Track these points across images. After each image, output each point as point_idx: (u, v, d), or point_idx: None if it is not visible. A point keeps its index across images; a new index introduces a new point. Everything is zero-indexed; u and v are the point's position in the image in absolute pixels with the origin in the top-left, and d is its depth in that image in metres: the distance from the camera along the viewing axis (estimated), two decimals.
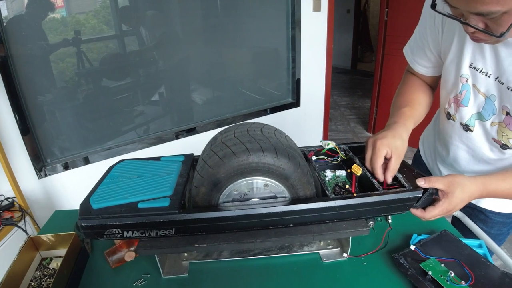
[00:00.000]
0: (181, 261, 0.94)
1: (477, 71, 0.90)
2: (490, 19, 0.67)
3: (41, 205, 2.09)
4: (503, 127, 0.89)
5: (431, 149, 1.22)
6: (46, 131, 2.02)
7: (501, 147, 0.92)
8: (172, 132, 2.45)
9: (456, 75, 0.95)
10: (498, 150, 0.94)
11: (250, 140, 0.81)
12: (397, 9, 3.46)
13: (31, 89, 1.88)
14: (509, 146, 0.90)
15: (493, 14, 0.65)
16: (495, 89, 0.88)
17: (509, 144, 0.90)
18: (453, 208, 0.82)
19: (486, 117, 0.93)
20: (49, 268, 0.94)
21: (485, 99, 0.91)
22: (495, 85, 0.87)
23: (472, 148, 1.00)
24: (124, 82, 2.26)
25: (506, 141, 0.90)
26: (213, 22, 2.41)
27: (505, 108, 0.86)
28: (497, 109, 0.89)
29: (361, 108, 5.18)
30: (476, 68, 0.90)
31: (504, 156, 0.94)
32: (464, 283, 0.76)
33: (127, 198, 0.80)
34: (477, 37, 0.74)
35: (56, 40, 1.92)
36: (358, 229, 0.85)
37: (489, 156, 0.97)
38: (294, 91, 2.90)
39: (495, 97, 0.88)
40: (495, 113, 0.90)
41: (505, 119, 0.88)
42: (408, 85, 1.12)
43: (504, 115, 0.87)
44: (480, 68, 0.89)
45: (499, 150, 0.94)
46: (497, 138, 0.92)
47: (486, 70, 0.88)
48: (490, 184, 0.83)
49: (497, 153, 0.95)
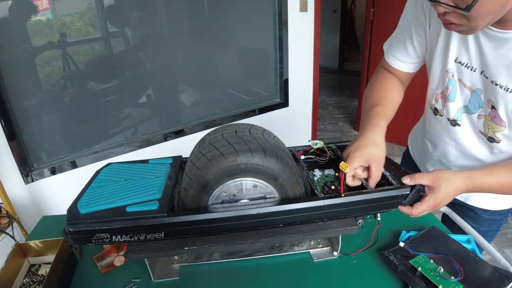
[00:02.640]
0: (172, 264, 0.93)
1: (462, 66, 0.91)
2: None
3: (29, 211, 2.06)
4: (489, 120, 0.90)
5: (419, 147, 1.22)
6: (33, 136, 1.99)
7: (488, 139, 0.93)
8: (160, 134, 2.43)
9: (442, 70, 0.96)
10: (486, 144, 0.95)
11: (238, 141, 0.81)
12: (382, 9, 3.49)
13: (16, 93, 1.85)
14: (495, 139, 0.91)
15: None
16: (481, 83, 0.88)
17: (495, 138, 0.91)
18: (440, 203, 0.83)
19: (472, 110, 0.93)
20: (38, 275, 0.93)
21: (471, 93, 0.92)
22: (480, 79, 0.88)
23: (460, 143, 1.01)
24: (111, 85, 2.23)
25: (492, 134, 0.91)
26: (200, 23, 2.41)
27: (490, 102, 0.87)
28: (483, 103, 0.90)
29: (349, 107, 5.21)
30: (461, 63, 0.90)
31: (493, 151, 0.95)
32: (453, 278, 0.76)
33: (115, 202, 0.79)
34: (448, 20, 0.75)
35: (41, 43, 1.89)
36: (347, 227, 0.85)
37: (477, 152, 0.98)
38: (282, 91, 2.91)
39: (480, 90, 0.89)
40: (481, 106, 0.91)
41: (491, 113, 0.89)
42: (381, 82, 1.10)
43: (489, 108, 0.88)
44: (465, 63, 0.90)
45: (487, 144, 0.95)
46: (484, 131, 0.93)
47: (471, 65, 0.89)
48: (476, 179, 0.84)
49: (486, 148, 0.96)
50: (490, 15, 0.71)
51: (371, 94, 1.08)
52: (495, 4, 0.68)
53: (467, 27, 0.74)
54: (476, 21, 0.72)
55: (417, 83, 1.28)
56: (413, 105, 1.93)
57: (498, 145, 0.92)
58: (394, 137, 3.77)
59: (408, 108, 1.13)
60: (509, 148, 0.92)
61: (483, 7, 0.67)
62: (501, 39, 0.79)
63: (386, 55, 1.11)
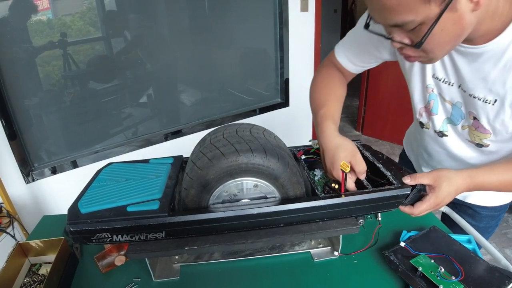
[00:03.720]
0: (172, 264, 0.93)
1: (440, 81, 0.92)
2: (411, 32, 0.69)
3: (29, 210, 2.06)
4: (473, 130, 0.91)
5: (415, 152, 1.24)
6: (33, 135, 1.99)
7: (476, 145, 0.95)
8: (161, 134, 2.43)
9: (422, 86, 0.98)
10: (476, 149, 0.96)
11: (239, 141, 0.81)
12: None
13: (17, 92, 1.85)
14: (483, 145, 0.93)
15: (410, 24, 0.67)
16: (459, 96, 0.90)
17: (483, 144, 0.92)
18: (441, 202, 0.83)
19: (455, 122, 0.95)
20: (39, 274, 0.93)
21: (451, 106, 0.94)
22: (458, 92, 0.90)
23: (451, 151, 1.02)
24: (112, 84, 2.23)
25: (479, 141, 0.92)
26: (201, 23, 2.41)
27: (471, 113, 0.89)
28: (465, 114, 0.92)
29: (350, 107, 5.20)
30: (439, 78, 0.92)
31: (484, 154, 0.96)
32: (454, 278, 0.76)
33: (115, 202, 0.79)
34: (405, 53, 0.76)
35: (42, 43, 1.89)
36: (348, 227, 0.85)
37: (469, 156, 0.99)
38: (282, 91, 2.91)
39: (460, 103, 0.91)
40: (463, 118, 0.93)
41: (474, 123, 0.90)
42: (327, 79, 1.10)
43: (472, 119, 0.90)
44: (443, 78, 0.91)
45: (477, 149, 0.96)
46: (471, 139, 0.95)
47: (448, 80, 0.90)
48: (477, 177, 0.84)
49: (476, 152, 0.97)
50: (447, 46, 0.73)
51: (318, 93, 1.07)
52: (449, 36, 0.69)
53: (425, 58, 0.76)
54: (433, 53, 0.73)
55: None
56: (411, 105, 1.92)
57: (488, 149, 0.93)
58: (394, 137, 3.78)
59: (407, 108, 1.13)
60: (499, 149, 0.92)
61: (435, 40, 0.69)
62: (473, 54, 0.80)
63: (338, 54, 1.10)
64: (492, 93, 0.82)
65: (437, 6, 0.62)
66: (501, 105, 0.82)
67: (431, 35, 0.67)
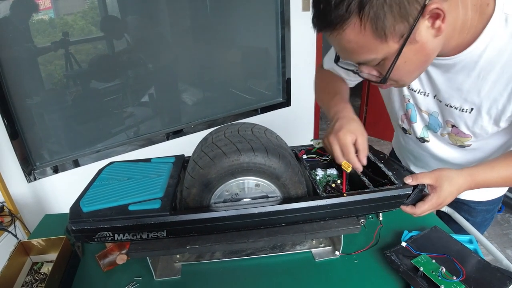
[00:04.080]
0: (174, 263, 0.94)
1: (415, 92, 0.93)
2: (377, 66, 0.70)
3: (31, 209, 2.07)
4: (453, 135, 0.93)
5: (402, 155, 1.26)
6: (35, 134, 1.99)
7: (459, 147, 0.97)
8: (163, 134, 2.43)
9: (399, 95, 1.00)
10: (459, 149, 0.98)
11: (240, 140, 0.81)
12: None
13: (19, 91, 1.85)
14: (465, 145, 0.95)
15: (373, 61, 0.68)
16: (435, 106, 0.92)
17: (465, 145, 0.94)
18: (442, 202, 0.83)
19: (434, 130, 0.97)
20: (40, 273, 0.93)
21: (428, 116, 0.95)
22: (434, 102, 0.91)
23: (435, 154, 1.04)
24: (113, 84, 2.23)
25: (461, 143, 0.94)
26: (202, 22, 2.41)
27: (449, 122, 0.90)
28: (442, 123, 0.93)
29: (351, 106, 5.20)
30: (414, 90, 0.93)
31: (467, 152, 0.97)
32: (455, 278, 0.76)
33: (117, 201, 0.79)
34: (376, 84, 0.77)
35: (44, 42, 1.89)
36: (349, 227, 0.85)
37: (454, 156, 1.01)
38: (284, 90, 2.90)
39: (437, 113, 0.93)
40: (441, 126, 0.95)
41: (453, 130, 0.92)
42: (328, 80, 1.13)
43: (450, 127, 0.91)
44: (418, 89, 0.92)
45: (459, 149, 0.98)
46: (452, 143, 0.97)
47: (424, 90, 0.91)
48: (477, 175, 0.84)
49: (460, 152, 0.99)
50: (414, 73, 0.74)
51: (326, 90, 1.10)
52: (415, 64, 0.70)
53: (396, 84, 0.77)
54: (402, 80, 0.74)
55: None
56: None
57: (470, 147, 0.95)
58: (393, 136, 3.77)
59: None
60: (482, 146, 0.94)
61: (401, 71, 0.69)
62: (446, 65, 0.81)
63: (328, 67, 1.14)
64: (468, 102, 0.83)
65: (395, 43, 0.64)
66: (478, 113, 0.83)
67: (395, 68, 0.68)
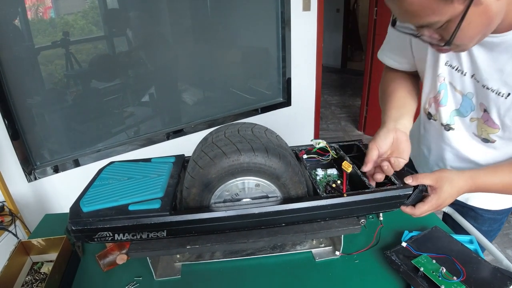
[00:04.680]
0: (174, 263, 0.94)
1: (453, 69, 0.90)
2: (440, 29, 0.68)
3: (32, 209, 2.07)
4: (482, 123, 0.89)
5: (415, 152, 1.22)
6: (36, 134, 1.99)
7: (482, 140, 0.93)
8: (163, 133, 2.44)
9: (433, 75, 0.95)
10: (481, 145, 0.94)
11: (240, 140, 0.81)
12: (386, 8, 3.42)
13: (19, 91, 1.85)
14: (490, 140, 0.91)
15: (436, 24, 0.66)
16: (472, 86, 0.88)
17: (489, 139, 0.90)
18: (442, 203, 0.83)
19: (464, 113, 0.93)
20: (40, 273, 0.93)
21: (462, 97, 0.91)
22: (471, 82, 0.87)
23: (454, 148, 1.00)
24: (114, 83, 2.24)
25: (486, 135, 0.90)
26: (203, 22, 2.41)
27: (482, 105, 0.87)
28: (475, 106, 0.89)
29: (352, 106, 5.20)
30: (452, 66, 0.90)
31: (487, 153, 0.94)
32: (456, 278, 0.76)
33: (117, 201, 0.79)
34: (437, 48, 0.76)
35: (44, 42, 1.90)
36: (350, 227, 0.85)
37: (472, 154, 0.97)
38: (284, 90, 2.90)
39: (472, 94, 0.89)
40: (473, 110, 0.90)
41: (483, 116, 0.88)
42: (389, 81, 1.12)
43: (482, 111, 0.88)
44: (456, 66, 0.89)
45: (481, 145, 0.94)
46: (477, 134, 0.93)
47: (461, 68, 0.88)
48: (479, 178, 0.83)
49: (480, 150, 0.95)
50: (476, 37, 0.71)
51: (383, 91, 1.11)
52: (478, 28, 0.68)
53: (457, 49, 0.75)
54: (464, 45, 0.73)
55: None
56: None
57: (493, 145, 0.91)
58: None
59: None
60: (504, 146, 0.91)
61: (464, 35, 0.68)
62: (491, 43, 0.78)
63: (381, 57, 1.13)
64: (507, 85, 0.79)
65: (460, 4, 0.62)
66: None
67: (459, 31, 0.66)
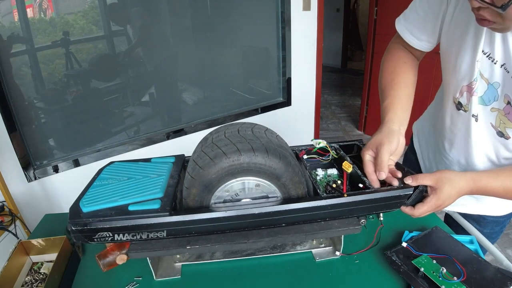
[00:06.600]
0: (174, 263, 0.93)
1: (484, 55, 0.85)
2: None
3: (31, 209, 2.07)
4: (502, 115, 0.87)
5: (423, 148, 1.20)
6: (35, 134, 1.99)
7: (497, 133, 0.90)
8: (163, 133, 2.44)
9: (471, 60, 0.88)
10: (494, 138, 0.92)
11: (240, 140, 0.81)
12: (386, 8, 3.48)
13: (19, 91, 1.85)
14: (504, 135, 0.88)
15: None
16: (500, 76, 0.84)
17: (504, 133, 0.88)
18: (442, 204, 0.82)
19: (486, 102, 0.89)
20: (40, 273, 0.93)
21: (487, 85, 0.87)
22: (500, 72, 0.83)
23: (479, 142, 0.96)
24: (114, 83, 2.24)
25: (503, 129, 0.88)
26: (203, 22, 2.40)
27: (507, 97, 0.84)
28: (499, 96, 0.86)
29: (352, 106, 5.20)
30: (484, 52, 0.85)
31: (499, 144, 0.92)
32: (456, 279, 0.76)
33: (117, 201, 0.79)
34: (482, 16, 0.71)
35: (44, 41, 1.89)
36: (350, 227, 0.85)
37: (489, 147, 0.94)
38: (285, 90, 2.90)
39: (498, 84, 0.85)
40: (496, 100, 0.87)
41: (505, 108, 0.85)
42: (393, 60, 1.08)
43: (505, 103, 0.85)
44: (488, 53, 0.84)
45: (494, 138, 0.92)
46: (495, 125, 0.90)
47: (492, 56, 0.84)
48: (480, 180, 0.83)
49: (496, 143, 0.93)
50: None
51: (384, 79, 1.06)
52: None
53: (500, 25, 0.71)
54: (510, 21, 0.68)
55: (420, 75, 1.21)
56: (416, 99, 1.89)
57: (507, 141, 0.89)
58: None
59: None
60: None
61: None
62: None
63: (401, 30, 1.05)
64: None
65: None
66: None
67: None
